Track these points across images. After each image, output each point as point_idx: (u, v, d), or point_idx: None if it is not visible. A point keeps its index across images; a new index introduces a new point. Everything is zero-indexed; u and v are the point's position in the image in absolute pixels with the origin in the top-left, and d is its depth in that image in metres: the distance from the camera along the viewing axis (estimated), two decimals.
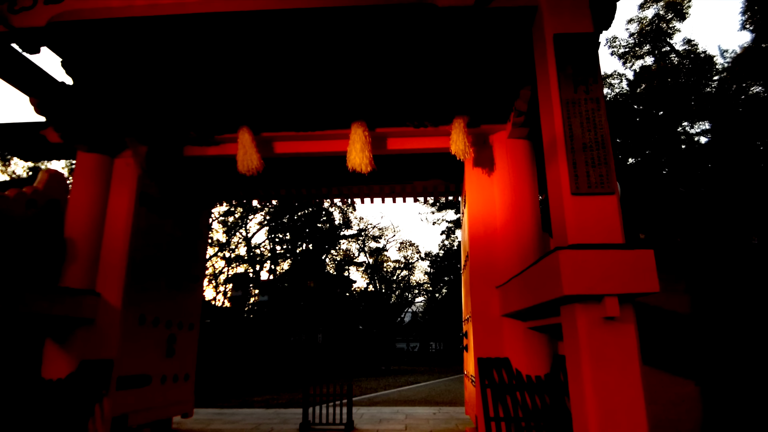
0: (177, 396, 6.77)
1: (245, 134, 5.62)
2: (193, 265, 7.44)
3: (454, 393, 13.80)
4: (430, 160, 7.65)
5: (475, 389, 5.25)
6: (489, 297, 5.37)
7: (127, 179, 5.91)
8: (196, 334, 7.47)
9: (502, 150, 5.66)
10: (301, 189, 8.14)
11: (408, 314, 49.50)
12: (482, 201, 5.66)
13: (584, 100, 3.47)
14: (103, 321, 5.46)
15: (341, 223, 35.57)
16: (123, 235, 5.72)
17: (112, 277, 5.60)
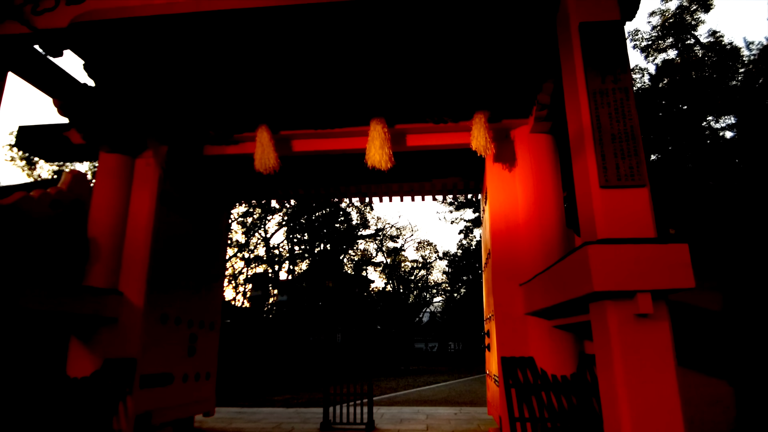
0: (199, 395, 6.80)
1: (263, 132, 5.61)
2: (214, 265, 7.47)
3: (475, 393, 13.65)
4: (449, 156, 7.55)
5: (499, 389, 5.15)
6: (512, 295, 5.26)
7: (148, 179, 5.94)
8: (216, 333, 7.50)
9: (524, 145, 5.55)
10: (319, 188, 8.13)
11: (426, 314, 49.34)
12: (504, 197, 5.55)
13: (612, 90, 3.35)
14: (125, 320, 5.50)
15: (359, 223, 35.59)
16: (144, 235, 5.75)
17: (135, 276, 5.64)
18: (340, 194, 8.80)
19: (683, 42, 17.39)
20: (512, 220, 5.45)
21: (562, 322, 4.80)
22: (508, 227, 5.44)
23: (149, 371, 5.64)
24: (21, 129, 6.24)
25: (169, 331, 6.12)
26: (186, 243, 6.63)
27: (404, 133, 5.78)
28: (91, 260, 5.57)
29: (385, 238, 37.67)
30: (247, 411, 9.25)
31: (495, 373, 5.79)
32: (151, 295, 5.73)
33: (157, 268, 5.89)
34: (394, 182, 8.02)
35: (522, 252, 5.31)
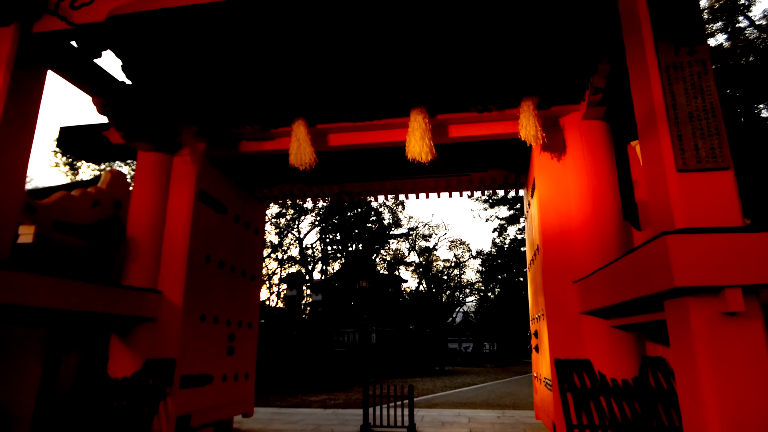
0: (237, 395, 6.71)
1: (300, 126, 5.45)
2: (251, 263, 7.39)
3: (516, 395, 13.23)
4: (490, 148, 7.25)
5: (552, 393, 4.82)
6: (565, 293, 4.93)
7: (186, 177, 5.88)
8: (255, 332, 7.41)
9: (576, 133, 5.20)
10: (353, 184, 7.91)
11: (459, 314, 48.72)
12: (554, 189, 5.22)
13: (688, 63, 3.01)
14: (165, 319, 5.44)
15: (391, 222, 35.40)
16: (183, 233, 5.69)
17: (173, 275, 5.58)
18: (375, 191, 8.58)
19: (734, 25, 16.39)
20: (564, 213, 5.11)
21: (622, 322, 4.45)
22: (560, 221, 5.10)
23: (189, 372, 5.56)
24: (62, 130, 6.29)
25: (208, 331, 6.04)
26: (223, 241, 6.55)
27: (446, 124, 5.52)
28: (130, 259, 5.53)
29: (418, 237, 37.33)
30: (284, 412, 9.17)
31: (545, 376, 5.46)
32: (189, 294, 5.66)
33: (195, 266, 5.81)
34: (430, 177, 7.74)
35: (575, 247, 4.97)
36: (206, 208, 6.15)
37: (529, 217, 6.68)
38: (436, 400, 11.89)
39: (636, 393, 4.37)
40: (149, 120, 5.75)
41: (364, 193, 8.78)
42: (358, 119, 5.48)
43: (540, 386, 5.99)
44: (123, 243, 5.65)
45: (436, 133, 5.43)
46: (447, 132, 5.55)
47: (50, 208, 5.01)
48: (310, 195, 8.70)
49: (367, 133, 5.69)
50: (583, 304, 4.72)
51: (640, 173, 5.04)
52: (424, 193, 8.82)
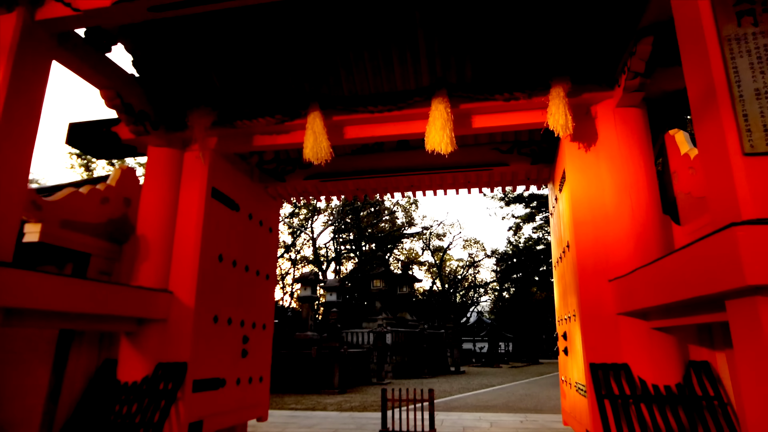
0: (251, 399, 6.48)
1: (316, 119, 5.19)
2: (265, 262, 7.16)
3: (536, 398, 12.86)
4: (512, 142, 6.95)
5: (587, 400, 4.50)
6: (600, 292, 4.60)
7: (198, 172, 5.67)
8: (269, 334, 7.18)
9: (609, 121, 4.87)
10: (368, 181, 7.64)
11: (473, 314, 48.25)
12: (587, 182, 4.89)
13: (752, 35, 2.68)
14: (176, 321, 5.22)
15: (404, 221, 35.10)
16: (195, 231, 5.47)
17: (185, 274, 5.36)
18: (391, 188, 8.30)
19: None
20: (598, 207, 4.77)
21: (664, 324, 4.11)
22: (593, 216, 4.77)
23: (201, 375, 5.34)
24: (72, 126, 6.11)
25: (221, 333, 5.81)
26: (236, 239, 6.33)
27: (469, 114, 5.22)
28: (140, 258, 5.33)
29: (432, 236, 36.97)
30: (299, 415, 8.94)
31: (577, 381, 5.13)
32: (201, 295, 5.44)
33: (208, 265, 5.59)
34: (449, 172, 7.45)
35: (611, 244, 4.64)
36: (218, 205, 5.93)
37: (556, 214, 6.35)
38: (454, 403, 11.58)
39: (681, 400, 4.03)
40: (159, 114, 5.55)
41: (379, 191, 8.52)
42: (377, 110, 5.21)
43: (570, 391, 5.67)
44: (131, 241, 5.44)
45: (458, 123, 5.14)
46: (470, 122, 5.25)
47: (57, 205, 4.81)
48: (325, 192, 8.46)
49: (385, 125, 5.41)
50: (620, 305, 4.39)
51: (679, 164, 4.70)
52: (441, 189, 8.55)
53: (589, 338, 4.53)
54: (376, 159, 7.36)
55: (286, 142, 5.60)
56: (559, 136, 4.82)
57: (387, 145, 7.44)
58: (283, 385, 15.03)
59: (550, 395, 13.72)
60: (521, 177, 7.76)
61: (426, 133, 5.00)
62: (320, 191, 8.36)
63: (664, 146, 4.98)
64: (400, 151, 7.39)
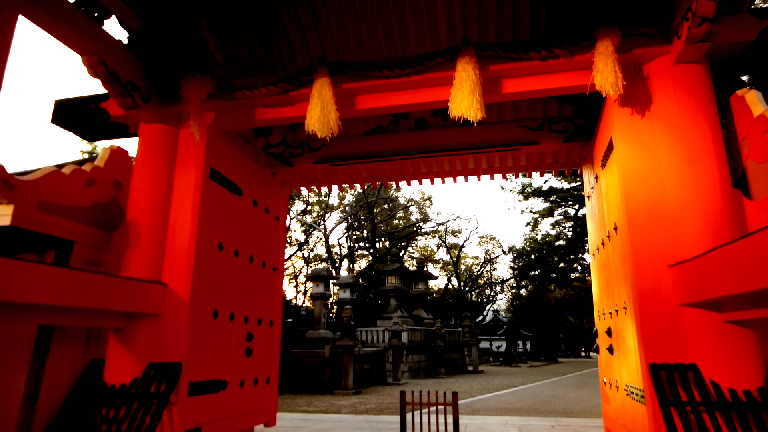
0: (257, 402, 5.90)
1: (324, 85, 4.57)
2: (272, 253, 6.57)
3: (563, 400, 12.10)
4: (544, 116, 6.27)
5: (646, 407, 3.81)
6: (659, 280, 3.91)
7: (194, 152, 5.09)
8: (277, 331, 6.59)
9: (666, 81, 4.16)
10: (383, 164, 7.01)
11: (489, 313, 47.35)
12: (640, 153, 4.19)
13: None
14: (170, 316, 4.65)
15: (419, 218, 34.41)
16: (191, 215, 4.89)
17: (180, 264, 4.78)
18: (407, 175, 7.68)
19: None
20: (655, 181, 4.08)
21: (742, 316, 3.42)
22: (649, 193, 4.07)
23: (199, 377, 4.76)
24: (57, 103, 5.58)
25: (222, 329, 5.23)
26: (240, 227, 5.74)
27: (499, 77, 4.55)
28: (130, 246, 4.77)
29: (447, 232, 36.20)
30: (311, 418, 8.34)
31: (629, 383, 4.44)
32: (198, 287, 4.86)
33: (206, 254, 5.02)
34: (471, 153, 6.77)
35: (671, 223, 3.94)
36: (218, 188, 5.35)
37: (595, 195, 5.65)
38: (476, 405, 10.89)
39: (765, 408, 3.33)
40: (150, 85, 4.98)
41: (394, 178, 7.91)
42: (393, 74, 4.56)
43: (616, 395, 4.97)
44: (121, 228, 4.88)
45: (486, 89, 4.48)
46: (500, 87, 4.58)
47: (33, 185, 4.26)
48: (336, 180, 7.85)
49: (402, 93, 4.76)
50: (685, 294, 3.70)
51: (751, 128, 3.98)
52: (462, 175, 7.91)
53: (647, 334, 3.84)
54: (391, 140, 6.72)
55: (291, 114, 4.98)
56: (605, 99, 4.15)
57: (403, 125, 6.81)
58: (295, 385, 14.48)
59: (579, 397, 12.95)
60: (549, 160, 7.10)
61: (451, 99, 4.35)
62: (331, 178, 7.76)
63: (728, 111, 4.27)
64: (417, 131, 6.75)
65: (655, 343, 3.79)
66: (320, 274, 16.27)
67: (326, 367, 14.57)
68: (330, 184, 8.14)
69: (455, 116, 4.30)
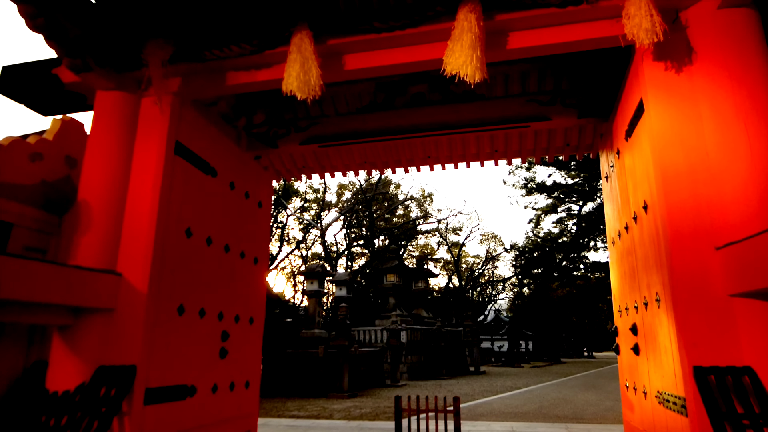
0: (233, 410, 5.24)
1: (304, 39, 3.91)
2: (253, 243, 5.91)
3: (572, 403, 11.42)
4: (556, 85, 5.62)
5: (689, 419, 3.14)
6: (703, 265, 3.25)
7: (157, 123, 4.43)
8: (258, 329, 5.93)
9: (709, 28, 3.50)
10: (377, 145, 6.36)
11: (491, 312, 46.65)
12: (676, 115, 3.53)
13: None
14: (125, 311, 3.99)
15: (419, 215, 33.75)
16: (151, 195, 4.23)
17: (137, 251, 4.12)
18: (404, 160, 7.06)
19: None
20: (696, 150, 3.42)
21: None
22: (688, 160, 3.41)
23: (160, 382, 4.10)
24: (4, 70, 4.92)
25: (190, 327, 4.57)
26: (213, 212, 5.09)
27: (504, 31, 3.90)
28: (80, 231, 4.11)
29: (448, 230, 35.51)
30: (300, 425, 7.67)
31: (661, 389, 3.78)
32: (162, 279, 4.21)
33: (171, 241, 4.36)
34: (473, 131, 6.09)
35: (717, 196, 3.29)
36: (186, 165, 4.69)
37: (617, 174, 4.99)
38: (479, 409, 10.22)
39: None
40: (104, 42, 4.31)
41: (391, 163, 7.29)
42: (386, 27, 3.90)
43: (644, 403, 4.30)
44: (73, 210, 4.24)
45: (490, 44, 3.83)
46: (505, 42, 3.92)
47: None
48: (327, 165, 7.22)
49: (396, 50, 4.11)
50: (737, 281, 3.04)
51: None
52: (463, 161, 7.30)
53: (690, 331, 3.18)
54: (386, 118, 6.07)
55: (267, 78, 4.32)
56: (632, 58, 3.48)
57: (399, 102, 6.15)
58: (287, 388, 13.81)
59: (588, 400, 12.27)
60: (559, 142, 6.51)
61: (447, 53, 3.71)
62: (322, 164, 7.13)
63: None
64: (414, 109, 6.09)
65: (700, 342, 3.13)
66: (314, 271, 15.62)
67: (320, 368, 13.90)
68: (321, 171, 7.51)
69: (450, 73, 3.65)
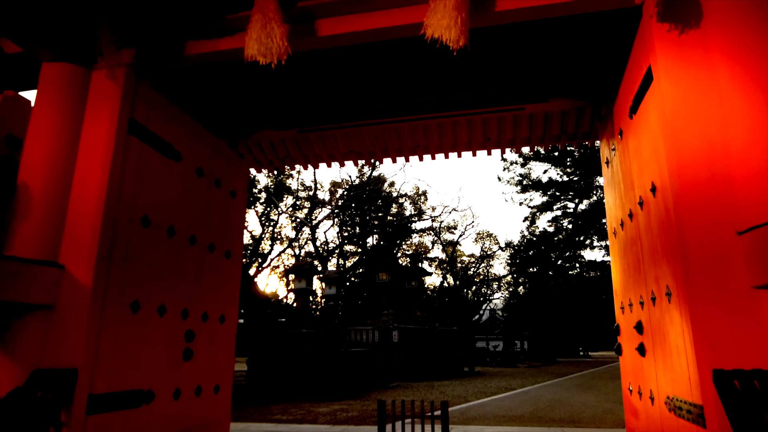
0: (201, 416, 4.78)
1: None
2: (224, 235, 5.45)
3: (569, 405, 11.00)
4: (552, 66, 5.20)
5: (707, 431, 2.71)
6: (723, 252, 2.82)
7: (108, 98, 3.97)
8: (230, 328, 5.47)
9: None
10: (360, 129, 5.96)
11: (486, 312, 46.27)
12: (690, 82, 3.10)
13: None
14: (67, 308, 3.53)
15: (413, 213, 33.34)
16: (99, 178, 3.78)
17: (83, 240, 3.66)
18: (391, 149, 6.68)
19: None
20: (712, 120, 3.00)
21: None
22: (705, 134, 2.99)
23: (108, 387, 3.64)
24: None
25: (147, 326, 4.11)
26: (176, 199, 4.63)
27: None
28: (18, 217, 3.65)
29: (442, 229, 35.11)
30: (281, 430, 7.22)
31: (672, 394, 3.35)
32: (112, 272, 3.75)
33: (123, 230, 3.90)
34: (462, 115, 5.73)
35: (739, 174, 2.86)
36: (145, 147, 4.24)
37: (619, 157, 4.56)
38: (471, 412, 9.78)
39: None
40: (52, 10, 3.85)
41: (378, 153, 6.93)
42: None
43: (652, 409, 3.87)
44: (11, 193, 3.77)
45: (476, 5, 3.42)
46: (493, 3, 3.49)
47: None
48: (311, 154, 6.81)
49: (374, 14, 3.67)
50: (762, 271, 2.62)
51: None
52: (454, 151, 6.95)
53: (706, 329, 2.75)
54: (367, 98, 5.67)
55: (229, 47, 3.87)
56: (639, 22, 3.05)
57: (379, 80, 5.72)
58: (272, 391, 13.31)
59: (585, 402, 11.86)
60: (555, 129, 6.19)
61: (428, 15, 3.28)
62: (304, 153, 6.72)
63: None
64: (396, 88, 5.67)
65: (720, 342, 2.70)
66: (302, 268, 15.16)
67: (307, 369, 13.43)
68: (304, 161, 7.11)
69: (431, 36, 3.21)
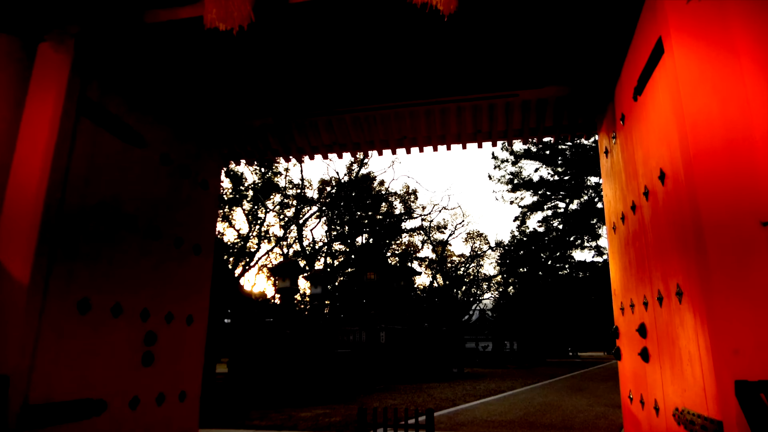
0: (164, 426, 4.36)
1: None
2: (193, 229, 5.03)
3: (561, 410, 10.69)
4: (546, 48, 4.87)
5: None
6: (745, 246, 2.47)
7: (54, 72, 3.54)
8: (199, 330, 5.06)
9: None
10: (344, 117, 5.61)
11: (476, 312, 46.06)
12: (706, 54, 2.75)
13: None
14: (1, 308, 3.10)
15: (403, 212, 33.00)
16: (42, 164, 3.35)
17: (21, 232, 3.24)
18: (377, 141, 6.36)
19: None
20: (732, 97, 2.65)
21: None
22: (724, 113, 2.64)
23: (49, 396, 3.21)
24: None
25: (98, 327, 3.68)
26: (138, 189, 4.21)
27: None
28: None
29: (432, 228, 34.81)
30: None
31: (681, 406, 3.00)
32: (56, 266, 3.32)
33: (71, 220, 3.47)
34: (453, 101, 5.41)
35: (764, 160, 2.52)
36: (100, 130, 3.81)
37: (622, 144, 4.22)
38: (459, 417, 9.42)
39: None
40: None
41: (363, 145, 6.60)
42: None
43: (656, 421, 3.52)
44: None
45: None
46: None
47: None
48: (292, 146, 6.44)
49: None
50: None
51: None
52: (443, 143, 6.63)
53: (727, 333, 2.40)
54: (353, 83, 5.32)
55: (191, 15, 3.45)
56: None
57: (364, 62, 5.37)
58: (253, 394, 12.86)
59: (577, 405, 11.55)
60: (549, 121, 5.89)
61: None
62: (286, 145, 6.33)
63: None
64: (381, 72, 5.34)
65: (744, 349, 2.35)
66: (285, 266, 14.73)
67: (289, 372, 13.00)
68: (284, 154, 6.72)
69: None
